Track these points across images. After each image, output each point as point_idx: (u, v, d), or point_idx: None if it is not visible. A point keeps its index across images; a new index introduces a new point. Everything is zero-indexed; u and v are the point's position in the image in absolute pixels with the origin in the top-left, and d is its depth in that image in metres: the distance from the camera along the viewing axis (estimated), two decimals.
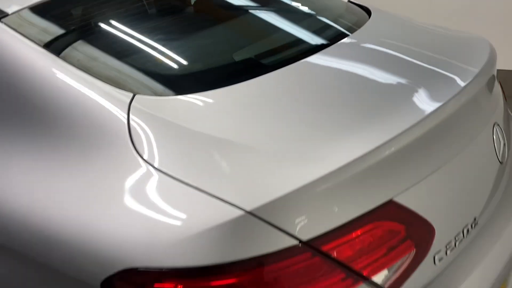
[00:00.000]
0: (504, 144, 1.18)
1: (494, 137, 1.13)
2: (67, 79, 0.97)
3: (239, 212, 0.74)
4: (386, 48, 1.25)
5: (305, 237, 0.76)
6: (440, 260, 0.91)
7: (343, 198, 0.80)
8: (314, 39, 1.31)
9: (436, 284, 0.90)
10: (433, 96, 1.00)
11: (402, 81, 1.11)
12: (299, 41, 1.31)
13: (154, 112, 0.92)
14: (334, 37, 1.24)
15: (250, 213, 0.74)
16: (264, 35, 1.33)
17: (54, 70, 0.98)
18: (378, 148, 0.83)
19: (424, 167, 0.91)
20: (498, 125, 1.16)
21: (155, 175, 0.82)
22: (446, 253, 0.92)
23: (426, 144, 0.91)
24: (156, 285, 0.76)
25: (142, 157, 0.84)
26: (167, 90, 1.03)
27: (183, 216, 0.77)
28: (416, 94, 1.01)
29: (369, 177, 0.82)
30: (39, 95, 0.95)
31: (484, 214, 1.05)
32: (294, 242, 0.76)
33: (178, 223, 0.77)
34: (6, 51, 1.01)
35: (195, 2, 1.53)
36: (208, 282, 0.75)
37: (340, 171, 0.79)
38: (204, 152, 0.86)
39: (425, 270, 0.88)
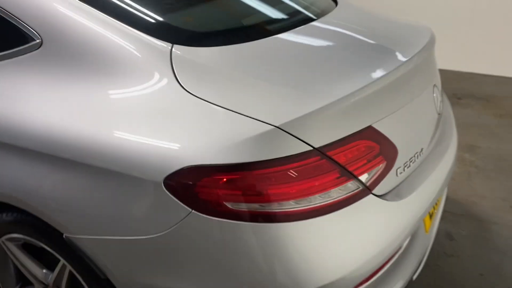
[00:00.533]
0: (441, 101, 1.58)
1: (434, 94, 1.52)
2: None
3: (269, 127, 1.04)
4: (349, 29, 1.60)
5: (316, 145, 1.08)
6: (400, 173, 1.27)
7: (341, 121, 1.13)
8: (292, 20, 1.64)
9: (397, 189, 1.26)
10: (391, 60, 1.35)
11: (368, 49, 1.46)
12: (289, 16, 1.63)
13: (191, 57, 1.19)
14: (306, 19, 1.57)
15: (278, 127, 1.04)
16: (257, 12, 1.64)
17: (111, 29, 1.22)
18: (362, 88, 1.16)
19: (391, 106, 1.26)
20: (436, 86, 1.56)
21: (191, 97, 1.10)
22: (404, 169, 1.29)
23: (391, 90, 1.27)
24: (207, 178, 1.04)
25: (181, 85, 1.12)
26: (196, 43, 1.30)
27: (228, 130, 1.05)
28: (376, 59, 1.36)
29: (357, 109, 1.16)
30: (104, 53, 1.19)
31: (428, 147, 1.43)
32: (309, 147, 1.07)
33: (225, 134, 1.05)
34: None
35: None
36: (245, 172, 1.04)
37: (338, 102, 1.11)
38: (238, 86, 1.14)
39: (391, 178, 1.24)
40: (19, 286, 1.60)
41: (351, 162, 1.14)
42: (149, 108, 1.12)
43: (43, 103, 1.21)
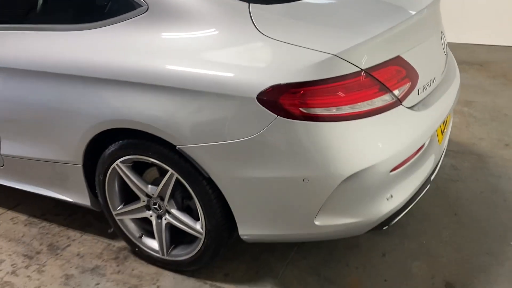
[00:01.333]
0: (446, 44, 2.03)
1: (441, 39, 1.96)
2: None
3: (329, 55, 1.47)
4: None
5: (362, 67, 1.51)
6: (420, 93, 1.72)
7: (378, 51, 1.56)
8: None
9: (419, 104, 1.71)
10: (411, 8, 1.79)
11: (392, 3, 1.89)
12: None
13: (263, 11, 1.62)
14: None
15: (335, 55, 1.48)
16: None
17: None
18: (392, 27, 1.60)
19: (412, 43, 1.70)
20: (442, 33, 2.00)
21: (269, 39, 1.53)
22: (423, 90, 1.73)
23: (411, 31, 1.71)
24: (287, 92, 1.47)
25: (260, 31, 1.54)
26: (265, 2, 1.71)
27: (299, 58, 1.48)
28: (399, 8, 1.80)
29: (389, 42, 1.59)
30: (197, 12, 1.61)
31: (440, 76, 1.88)
32: (358, 69, 1.50)
33: (297, 61, 1.48)
34: None
35: None
36: (314, 87, 1.47)
37: (376, 37, 1.55)
38: (299, 28, 1.57)
39: (414, 95, 1.68)
40: (122, 205, 2.03)
41: (386, 80, 1.58)
42: (240, 48, 1.55)
43: (159, 52, 1.62)
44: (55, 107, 1.86)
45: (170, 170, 1.76)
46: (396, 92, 1.61)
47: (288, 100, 1.48)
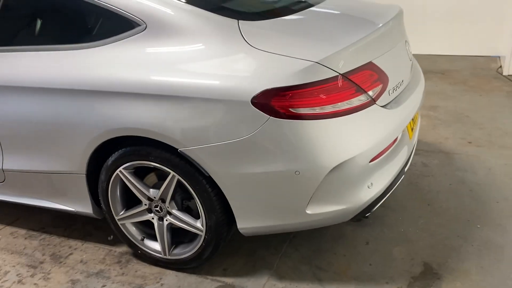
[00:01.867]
0: (410, 51, 2.29)
1: (406, 47, 2.23)
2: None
3: (311, 63, 1.69)
4: (343, 8, 2.29)
5: (340, 72, 1.73)
6: (391, 94, 1.95)
7: (352, 57, 1.79)
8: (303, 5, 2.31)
9: (390, 103, 1.94)
10: (379, 21, 2.05)
11: (361, 17, 2.16)
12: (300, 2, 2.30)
13: (251, 27, 1.83)
14: (310, 5, 2.26)
15: (317, 62, 1.70)
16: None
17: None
18: (363, 37, 1.84)
19: (381, 50, 1.95)
20: (407, 42, 2.27)
21: (258, 50, 1.74)
22: (393, 91, 1.97)
23: (380, 40, 1.96)
24: (277, 95, 1.67)
25: (250, 44, 1.76)
26: (253, 18, 1.93)
27: (287, 66, 1.70)
28: (368, 21, 2.06)
29: (362, 50, 1.83)
30: (192, 30, 1.81)
31: (406, 78, 2.13)
32: (336, 73, 1.73)
33: (285, 69, 1.69)
34: None
35: None
36: (300, 90, 1.68)
37: (350, 46, 1.79)
38: (283, 41, 1.79)
39: (386, 96, 1.92)
40: (124, 210, 2.17)
41: (362, 82, 1.81)
42: (234, 59, 1.75)
43: (160, 65, 1.81)
44: (61, 120, 2.00)
45: (172, 173, 1.92)
46: (370, 93, 1.84)
47: (278, 102, 1.68)
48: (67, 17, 2.11)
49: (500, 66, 4.84)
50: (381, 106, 1.88)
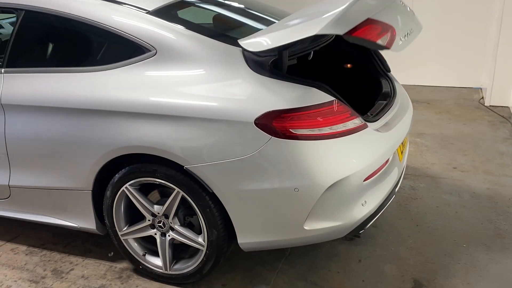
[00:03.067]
0: (407, 7, 2.47)
1: (401, 2, 2.40)
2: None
3: (311, 88, 1.84)
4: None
5: (341, 33, 1.80)
6: (402, 40, 2.03)
7: (349, 18, 1.94)
8: None
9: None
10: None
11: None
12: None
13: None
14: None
15: (314, 88, 1.84)
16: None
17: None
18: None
19: (377, 8, 2.10)
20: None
21: (260, 76, 1.88)
22: (404, 38, 2.05)
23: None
24: (279, 117, 1.80)
25: (251, 69, 1.90)
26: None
27: (288, 90, 1.84)
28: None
29: (357, 11, 1.95)
30: (200, 55, 1.96)
31: (415, 29, 2.25)
32: (332, 98, 1.87)
33: (287, 92, 1.83)
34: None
35: None
36: (300, 112, 1.82)
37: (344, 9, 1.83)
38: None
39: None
40: (127, 226, 2.24)
41: (368, 36, 1.84)
42: (237, 83, 1.88)
43: (169, 87, 1.93)
44: (70, 139, 2.10)
45: (176, 189, 2.02)
46: (380, 41, 1.87)
47: (279, 123, 1.81)
48: (81, 41, 2.25)
49: (482, 97, 5.09)
50: (374, 130, 2.03)
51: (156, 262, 2.25)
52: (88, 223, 2.30)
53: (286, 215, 1.92)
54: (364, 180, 1.94)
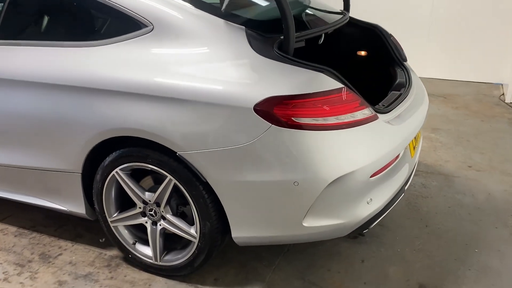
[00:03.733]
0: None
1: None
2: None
3: (319, 73, 1.69)
4: None
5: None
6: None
7: None
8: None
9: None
10: None
11: None
12: None
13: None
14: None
15: (322, 73, 1.69)
16: None
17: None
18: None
19: None
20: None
21: (262, 58, 1.72)
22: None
23: None
24: (280, 103, 1.65)
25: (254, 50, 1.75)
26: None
27: (293, 74, 1.69)
28: None
29: None
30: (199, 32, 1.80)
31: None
32: (341, 85, 1.71)
33: (291, 76, 1.68)
34: None
35: None
36: (304, 100, 1.66)
37: None
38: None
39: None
40: (118, 213, 2.12)
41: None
42: (239, 64, 1.73)
43: (163, 66, 1.79)
44: (60, 117, 1.97)
45: (169, 176, 1.89)
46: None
47: (281, 111, 1.66)
48: (74, 14, 2.11)
49: (503, 94, 4.85)
50: (385, 122, 1.86)
51: (146, 251, 2.13)
52: (78, 207, 2.18)
53: (284, 210, 1.77)
54: (371, 176, 1.78)
